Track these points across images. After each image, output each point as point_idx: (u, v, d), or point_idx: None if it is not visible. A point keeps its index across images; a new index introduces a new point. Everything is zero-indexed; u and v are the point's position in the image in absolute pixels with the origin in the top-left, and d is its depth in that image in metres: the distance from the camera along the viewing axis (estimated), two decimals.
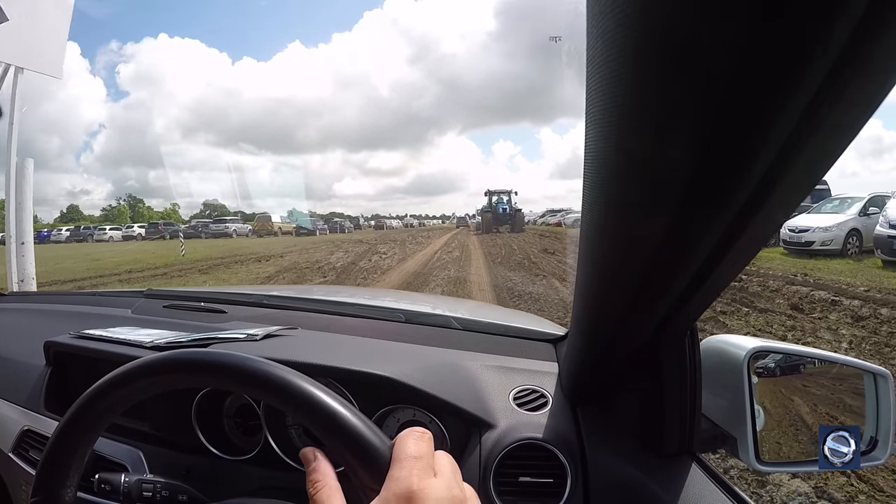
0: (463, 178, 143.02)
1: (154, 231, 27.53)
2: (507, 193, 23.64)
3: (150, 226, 29.24)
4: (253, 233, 26.98)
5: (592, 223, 0.37)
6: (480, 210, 25.03)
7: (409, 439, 0.36)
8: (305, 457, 0.38)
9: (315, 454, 0.38)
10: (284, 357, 0.70)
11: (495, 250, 13.16)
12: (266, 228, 27.68)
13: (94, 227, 29.50)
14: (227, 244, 19.90)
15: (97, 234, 26.18)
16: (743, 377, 0.59)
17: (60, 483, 0.43)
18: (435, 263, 10.46)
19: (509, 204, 23.09)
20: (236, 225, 28.07)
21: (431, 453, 0.36)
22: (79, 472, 0.44)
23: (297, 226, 28.16)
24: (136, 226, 29.05)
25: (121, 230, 27.59)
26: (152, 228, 28.12)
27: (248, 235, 26.29)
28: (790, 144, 0.24)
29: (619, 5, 0.21)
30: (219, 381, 0.43)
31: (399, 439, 0.36)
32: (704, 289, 0.39)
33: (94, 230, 27.56)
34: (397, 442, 0.36)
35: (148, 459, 0.77)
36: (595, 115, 0.28)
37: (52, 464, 0.43)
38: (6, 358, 1.00)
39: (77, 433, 0.43)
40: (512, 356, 0.83)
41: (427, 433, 0.37)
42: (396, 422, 0.75)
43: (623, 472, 0.63)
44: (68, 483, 0.43)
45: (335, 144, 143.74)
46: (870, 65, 0.20)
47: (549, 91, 70.03)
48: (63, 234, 27.09)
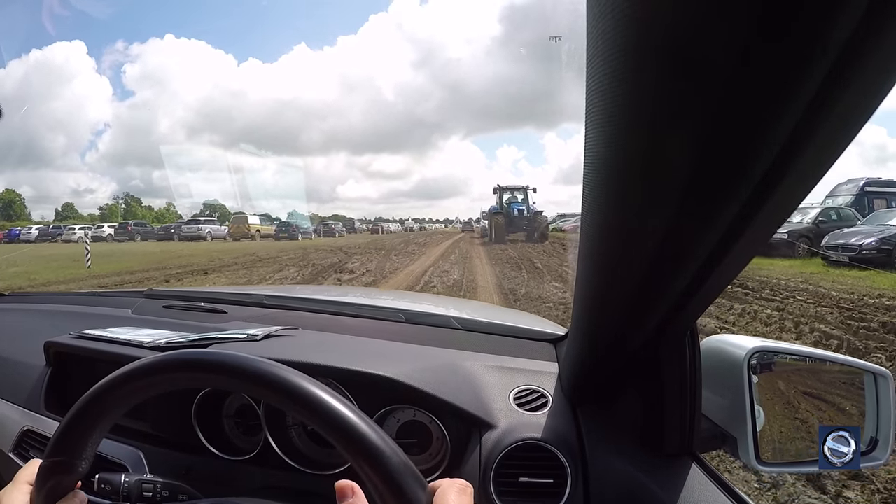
0: (466, 183, 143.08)
1: (123, 232, 24.77)
2: (522, 190, 18.00)
3: (119, 226, 26.27)
4: (229, 235, 24.03)
5: (592, 223, 0.37)
6: (487, 212, 19.04)
7: (451, 493, 0.35)
8: (342, 491, 0.37)
9: (353, 490, 0.37)
10: (285, 357, 0.70)
11: (512, 272, 8.73)
12: (241, 231, 23.95)
13: (63, 226, 26.63)
14: (180, 250, 16.44)
15: (66, 234, 23.47)
16: (743, 377, 0.59)
17: (77, 452, 0.42)
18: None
19: (526, 203, 17.30)
20: (211, 226, 24.97)
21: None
22: (94, 448, 0.44)
23: (277, 228, 24.49)
24: (107, 226, 26.27)
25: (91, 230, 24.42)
26: (121, 229, 25.32)
27: (225, 238, 23.60)
28: (790, 145, 0.24)
29: (619, 5, 0.21)
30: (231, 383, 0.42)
31: (441, 491, 0.35)
32: (704, 289, 0.39)
33: (63, 230, 24.92)
34: (439, 493, 0.35)
35: (148, 459, 0.77)
36: (595, 115, 0.28)
37: (73, 429, 0.43)
38: (6, 358, 1.00)
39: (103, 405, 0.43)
40: (512, 356, 0.83)
41: (469, 487, 0.36)
42: (396, 422, 0.75)
43: (623, 472, 0.63)
44: (84, 455, 0.43)
45: (339, 147, 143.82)
46: (870, 65, 0.20)
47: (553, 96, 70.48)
48: (33, 232, 24.87)
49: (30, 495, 0.42)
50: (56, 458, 0.42)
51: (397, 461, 0.35)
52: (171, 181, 65.67)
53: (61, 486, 0.43)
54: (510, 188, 18.08)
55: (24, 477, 0.43)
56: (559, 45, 11.17)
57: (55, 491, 0.42)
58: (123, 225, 26.73)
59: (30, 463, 0.44)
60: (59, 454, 0.42)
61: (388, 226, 43.96)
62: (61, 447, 0.42)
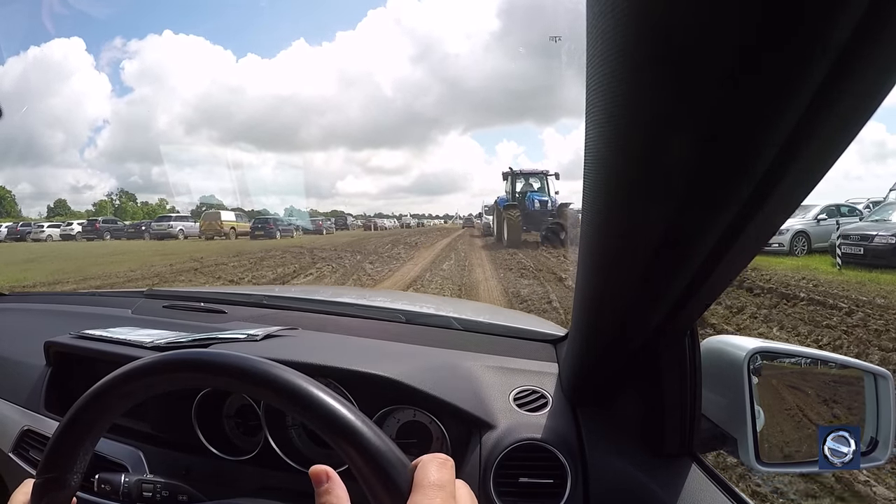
0: (466, 178, 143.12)
1: (91, 230, 22.33)
2: (540, 176, 13.56)
3: (87, 223, 23.71)
4: (201, 233, 21.61)
5: (593, 223, 0.37)
6: (492, 206, 14.71)
7: (432, 466, 0.35)
8: (317, 476, 0.36)
9: (328, 474, 0.36)
10: (285, 357, 0.70)
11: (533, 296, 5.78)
12: (213, 228, 21.39)
13: (33, 224, 24.31)
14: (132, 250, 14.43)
15: (35, 233, 21.83)
16: (743, 377, 0.59)
17: (68, 466, 0.42)
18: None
19: (547, 193, 12.96)
20: (184, 224, 22.40)
21: (453, 482, 0.35)
22: (86, 459, 0.43)
23: (252, 226, 21.56)
24: (76, 223, 23.92)
25: (59, 228, 22.75)
26: (89, 226, 22.81)
27: (200, 237, 21.39)
28: (790, 145, 0.24)
29: (619, 5, 0.21)
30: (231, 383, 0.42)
31: (421, 465, 0.35)
32: (705, 289, 0.39)
33: (33, 227, 22.87)
34: (419, 467, 0.35)
35: (148, 459, 0.77)
36: (595, 115, 0.28)
37: (66, 439, 0.42)
38: (6, 358, 1.00)
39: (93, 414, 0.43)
40: (512, 357, 0.83)
41: (450, 461, 0.36)
42: (396, 422, 0.75)
43: (623, 472, 0.63)
44: (75, 468, 0.43)
45: (338, 142, 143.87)
46: (870, 65, 0.20)
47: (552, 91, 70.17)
48: (2, 230, 22.73)
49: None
50: (48, 474, 0.42)
51: (379, 443, 0.36)
52: (169, 178, 65.50)
53: (57, 502, 0.43)
54: (525, 173, 13.55)
55: (18, 499, 0.43)
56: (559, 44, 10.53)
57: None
58: (92, 222, 24.24)
59: (23, 484, 0.44)
60: (50, 470, 0.42)
61: (383, 222, 40.76)
62: (53, 463, 0.42)
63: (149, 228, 22.48)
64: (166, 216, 24.26)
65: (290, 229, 22.69)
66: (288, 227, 22.93)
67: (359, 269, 9.17)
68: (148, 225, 23.27)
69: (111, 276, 8.81)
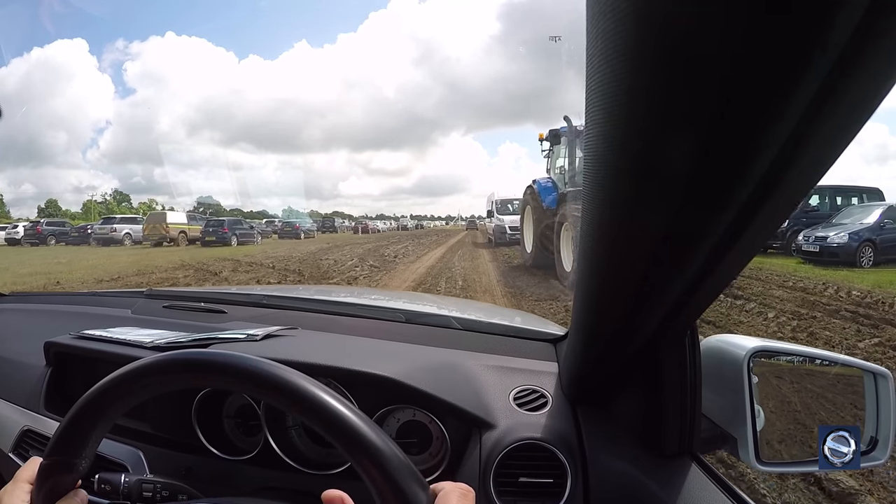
0: (468, 180, 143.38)
1: (32, 234, 18.93)
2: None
3: (30, 225, 20.23)
4: (145, 239, 18.15)
5: (593, 222, 0.37)
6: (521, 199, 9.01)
7: (453, 498, 0.35)
8: (331, 501, 0.37)
9: (343, 500, 0.37)
10: (285, 357, 0.70)
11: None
12: (159, 232, 17.92)
13: None
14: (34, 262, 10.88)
15: None
16: (743, 377, 0.59)
17: (77, 451, 0.42)
18: None
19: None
20: (131, 226, 18.97)
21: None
22: (95, 447, 0.44)
23: (204, 230, 17.72)
24: (21, 226, 20.36)
25: (5, 231, 19.54)
26: (31, 230, 19.38)
27: (143, 242, 18.09)
28: (790, 145, 0.24)
29: (619, 5, 0.21)
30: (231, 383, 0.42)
31: (443, 494, 0.35)
32: (704, 289, 0.39)
33: None
34: (441, 496, 0.35)
35: (148, 459, 0.77)
36: (595, 115, 0.28)
37: (74, 428, 0.42)
38: (6, 358, 1.00)
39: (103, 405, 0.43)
40: (512, 356, 0.83)
41: (471, 492, 0.36)
42: (396, 422, 0.75)
43: (623, 472, 0.63)
44: (84, 454, 0.43)
45: (339, 144, 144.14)
46: (869, 67, 0.20)
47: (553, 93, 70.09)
48: None
49: (30, 494, 0.42)
50: (56, 456, 0.42)
51: (398, 462, 0.35)
52: (170, 178, 65.36)
53: (61, 485, 0.43)
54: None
55: (24, 476, 0.43)
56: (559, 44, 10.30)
57: (55, 490, 0.42)
58: (34, 225, 20.49)
59: (30, 461, 0.44)
60: (59, 453, 0.42)
61: (376, 224, 37.28)
62: (61, 446, 0.42)
63: (94, 232, 18.90)
64: (111, 217, 20.85)
65: (253, 234, 19.36)
66: (250, 230, 19.50)
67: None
68: (94, 228, 19.63)
69: None
